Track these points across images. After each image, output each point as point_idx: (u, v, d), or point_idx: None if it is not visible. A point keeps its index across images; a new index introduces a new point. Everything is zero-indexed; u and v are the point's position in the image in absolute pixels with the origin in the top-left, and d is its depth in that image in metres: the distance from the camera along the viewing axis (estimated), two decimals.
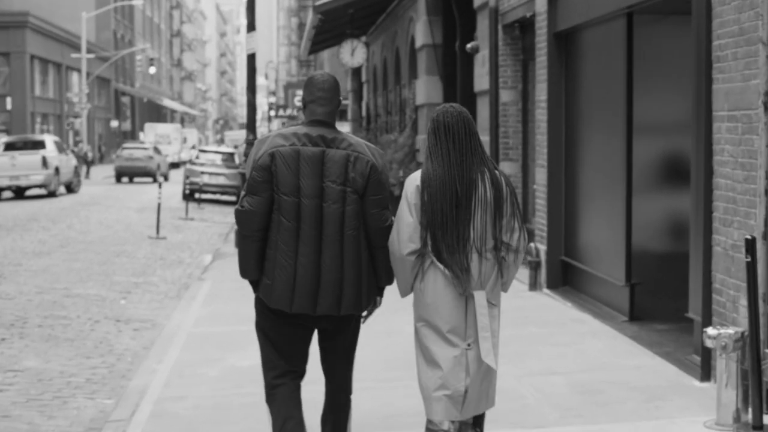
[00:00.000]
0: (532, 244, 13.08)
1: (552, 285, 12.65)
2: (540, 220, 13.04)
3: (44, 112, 68.38)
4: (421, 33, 22.01)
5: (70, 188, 40.31)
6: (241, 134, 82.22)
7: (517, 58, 14.99)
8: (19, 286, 15.05)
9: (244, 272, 5.66)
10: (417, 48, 22.82)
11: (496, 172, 5.46)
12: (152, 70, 78.83)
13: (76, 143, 61.77)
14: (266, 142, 5.58)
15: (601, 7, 10.88)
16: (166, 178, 50.56)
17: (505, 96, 15.03)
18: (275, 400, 5.73)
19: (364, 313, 5.81)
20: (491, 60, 15.03)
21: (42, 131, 65.04)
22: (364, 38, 33.17)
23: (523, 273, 13.88)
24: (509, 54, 14.99)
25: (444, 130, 5.42)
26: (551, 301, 12.18)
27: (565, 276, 12.64)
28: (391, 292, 5.91)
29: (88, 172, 56.97)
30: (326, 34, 31.05)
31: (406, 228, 5.39)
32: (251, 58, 19.20)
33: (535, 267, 12.88)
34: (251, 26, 19.31)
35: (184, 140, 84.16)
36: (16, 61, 63.13)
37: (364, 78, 38.21)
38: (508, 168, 15.06)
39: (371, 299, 5.68)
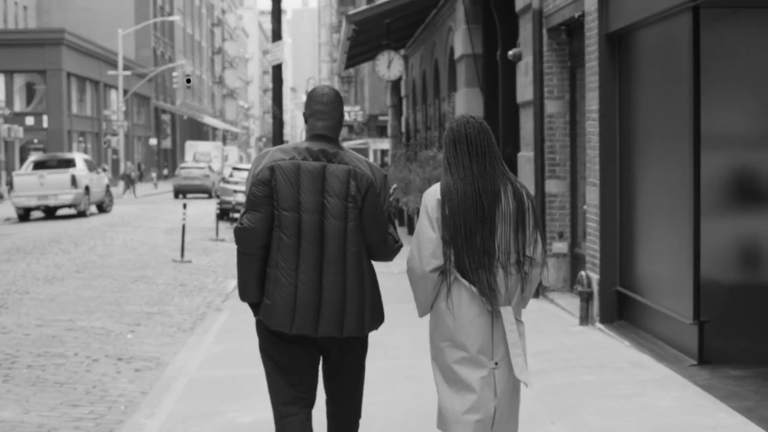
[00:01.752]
0: (582, 273, 11.64)
1: (606, 319, 11.20)
2: (592, 246, 11.59)
3: (82, 130, 67.73)
4: (460, 43, 20.66)
5: (102, 208, 39.34)
6: None
7: (564, 64, 13.58)
8: (19, 318, 13.78)
9: (244, 294, 5.47)
10: (456, 59, 21.48)
11: (517, 184, 5.29)
12: (188, 86, 77.69)
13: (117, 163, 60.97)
14: (266, 157, 5.42)
15: (662, 1, 9.46)
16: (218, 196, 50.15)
17: (551, 107, 13.61)
18: (286, 431, 5.51)
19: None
20: (535, 68, 13.63)
21: (79, 149, 64.37)
22: (402, 51, 31.90)
23: (573, 304, 12.45)
24: (555, 60, 13.58)
25: (465, 141, 5.23)
26: (605, 339, 10.73)
27: (620, 309, 11.19)
28: (419, 326, 5.23)
29: (134, 190, 56.66)
30: (362, 46, 29.78)
31: (428, 244, 5.20)
32: (277, 69, 17.90)
33: (586, 298, 11.44)
34: (277, 35, 18.04)
35: (226, 158, 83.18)
36: (52, 78, 62.51)
37: (403, 92, 36.89)
38: (555, 187, 13.63)
39: (377, 320, 5.47)
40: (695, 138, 9.06)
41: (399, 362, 9.75)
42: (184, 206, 22.33)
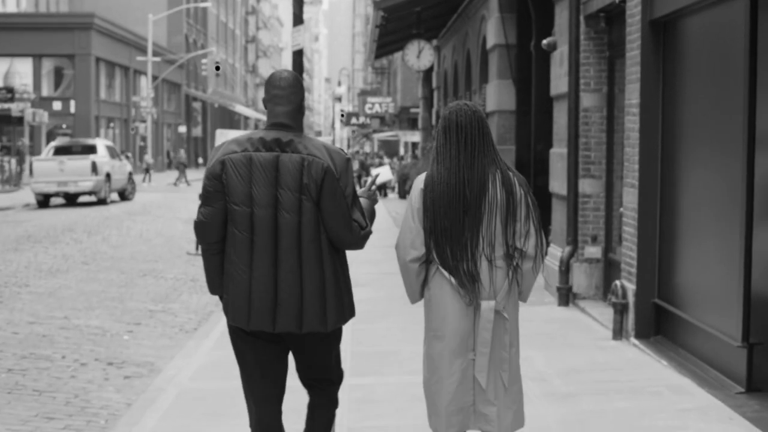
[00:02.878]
0: (617, 282, 10.64)
1: (641, 334, 10.19)
2: (628, 253, 10.58)
3: (110, 116, 67.02)
4: (493, 32, 19.67)
5: (124, 195, 38.58)
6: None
7: (602, 55, 12.55)
8: (11, 314, 12.92)
9: (212, 288, 5.40)
10: (488, 49, 20.49)
11: (509, 172, 5.19)
12: (217, 73, 76.89)
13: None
14: (221, 149, 5.26)
15: None
16: None
17: (587, 100, 12.58)
18: (257, 425, 5.50)
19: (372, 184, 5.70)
20: (571, 58, 12.61)
21: (107, 135, 63.79)
22: (434, 42, 30.93)
23: (606, 315, 11.45)
24: (592, 50, 12.56)
25: (456, 130, 5.19)
26: (641, 356, 9.72)
27: (658, 323, 10.18)
28: None
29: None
30: (393, 35, 28.86)
31: (408, 233, 5.23)
32: (297, 55, 16.95)
33: (620, 310, 10.43)
34: (298, 19, 17.07)
35: None
36: (81, 63, 61.85)
37: (434, 84, 35.92)
38: (589, 186, 12.61)
39: (344, 315, 5.31)
40: (749, 136, 8.03)
41: (413, 378, 8.79)
42: (200, 196, 21.37)
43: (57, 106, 61.78)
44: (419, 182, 5.24)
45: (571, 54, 12.59)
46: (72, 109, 62.00)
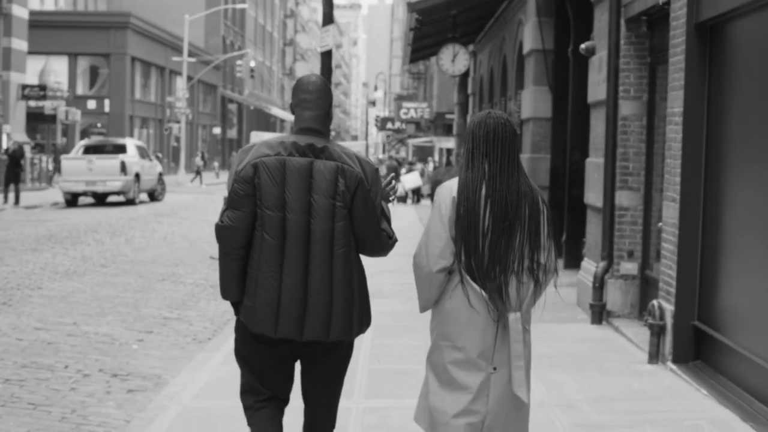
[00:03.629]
0: (654, 302, 9.97)
1: (680, 358, 9.52)
2: (666, 271, 9.90)
3: (144, 116, 66.79)
4: (530, 37, 19.03)
5: (153, 196, 38.20)
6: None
7: (643, 60, 11.89)
8: (18, 318, 12.40)
9: (225, 293, 5.27)
10: (525, 54, 19.85)
11: (534, 188, 5.11)
12: (251, 74, 76.54)
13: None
14: (251, 152, 5.18)
15: None
16: None
17: (626, 108, 11.92)
18: (256, 421, 5.38)
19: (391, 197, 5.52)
20: (610, 63, 11.96)
21: (141, 135, 63.61)
22: (471, 47, 30.29)
23: (642, 335, 10.80)
24: (633, 55, 11.90)
25: (486, 138, 5.03)
26: (679, 384, 9.04)
27: (697, 347, 9.50)
28: None
29: (200, 179, 56.17)
30: (429, 39, 28.24)
31: (437, 242, 5.02)
32: (326, 56, 16.36)
33: (657, 332, 9.76)
34: (328, 19, 16.48)
35: None
36: (116, 62, 61.65)
37: (470, 90, 35.28)
38: (627, 199, 11.95)
39: (365, 323, 5.30)
40: None
41: None
42: (225, 198, 20.84)
43: (91, 104, 61.59)
44: (449, 190, 5.06)
45: (611, 59, 11.94)
46: (106, 108, 61.78)
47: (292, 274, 5.06)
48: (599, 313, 11.98)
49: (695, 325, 9.48)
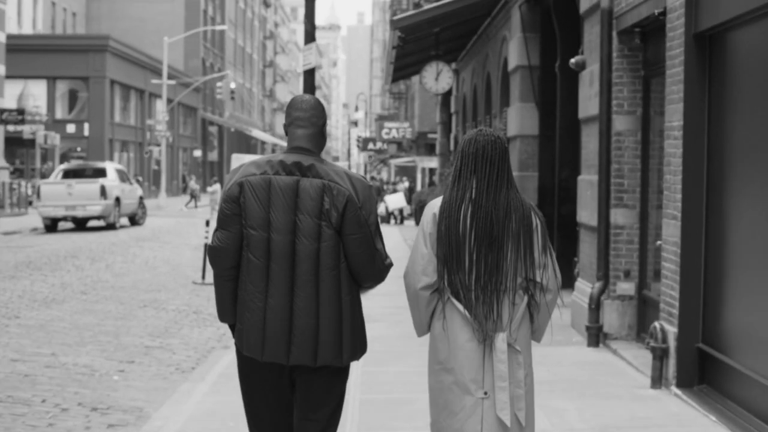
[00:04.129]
0: (656, 324, 9.61)
1: (684, 383, 9.14)
2: (668, 291, 9.54)
3: (124, 140, 66.27)
4: (515, 53, 18.73)
5: (134, 220, 37.72)
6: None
7: (636, 74, 11.56)
8: None
9: (222, 315, 5.21)
10: (510, 71, 19.55)
11: (527, 203, 5.01)
12: (232, 96, 76.14)
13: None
14: (239, 171, 5.12)
15: None
16: None
17: (620, 123, 11.59)
18: None
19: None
20: (602, 77, 11.63)
21: (121, 159, 63.13)
22: (453, 65, 29.98)
23: (642, 358, 10.45)
24: (626, 69, 11.57)
25: (482, 157, 4.97)
26: (685, 410, 8.66)
27: (702, 370, 9.13)
28: None
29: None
30: (411, 57, 27.92)
31: (420, 260, 4.98)
32: (308, 74, 15.99)
33: (660, 355, 9.39)
34: (310, 37, 16.13)
35: None
36: (95, 85, 61.14)
37: (453, 109, 34.99)
38: (622, 217, 11.60)
39: (358, 349, 5.12)
40: None
41: None
42: (207, 222, 20.43)
43: (71, 128, 61.02)
44: (433, 207, 5.01)
45: (603, 73, 11.61)
46: (86, 132, 61.22)
47: (277, 296, 4.96)
48: (596, 336, 11.61)
49: (699, 348, 9.11)
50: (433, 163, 53.25)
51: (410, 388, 9.43)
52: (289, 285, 4.97)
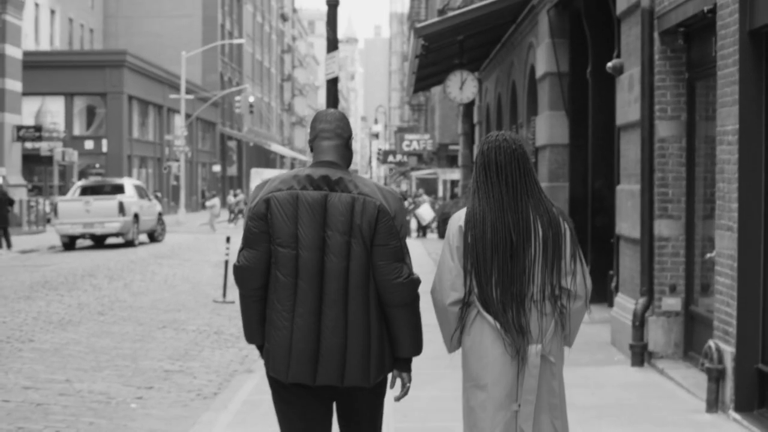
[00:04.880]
0: (711, 343, 8.95)
1: (743, 406, 8.48)
2: (723, 308, 8.88)
3: (143, 155, 65.89)
4: (543, 59, 18.11)
5: (153, 237, 37.21)
6: None
7: (680, 77, 10.92)
8: (6, 376, 11.37)
9: (250, 337, 5.01)
10: (538, 78, 18.92)
11: (554, 209, 4.85)
12: (251, 110, 75.64)
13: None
14: (264, 187, 4.95)
15: None
16: None
17: (664, 129, 10.94)
18: None
19: (397, 393, 5.04)
20: (643, 81, 11.00)
21: (140, 175, 62.75)
22: (476, 74, 29.35)
23: (692, 378, 9.80)
24: (669, 71, 10.93)
25: (495, 168, 4.85)
26: None
27: (763, 393, 8.48)
28: None
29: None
30: (433, 67, 27.34)
31: (447, 274, 4.85)
32: (332, 84, 15.40)
33: (716, 377, 8.72)
34: (332, 45, 15.54)
35: None
36: (113, 101, 60.74)
37: (476, 119, 34.38)
38: (667, 228, 10.95)
39: (385, 367, 4.90)
40: None
41: None
42: (228, 239, 19.84)
43: (89, 145, 60.63)
44: (458, 219, 4.91)
45: (644, 76, 10.98)
46: (104, 148, 60.82)
47: (305, 315, 4.81)
48: (640, 354, 10.96)
49: (759, 369, 8.46)
50: (455, 175, 52.68)
51: (448, 415, 8.79)
52: (317, 303, 4.81)
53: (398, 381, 5.16)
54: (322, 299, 4.81)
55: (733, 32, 8.56)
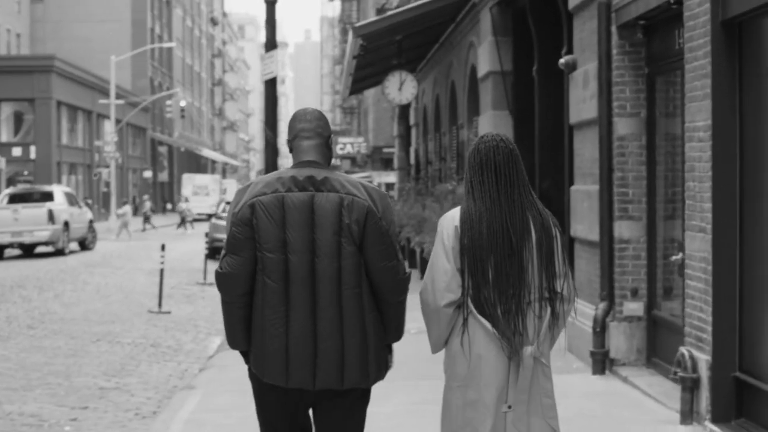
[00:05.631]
0: (683, 350, 8.47)
1: (720, 417, 8.01)
2: (695, 313, 8.41)
3: (72, 162, 64.57)
4: (486, 58, 17.65)
5: (84, 245, 36.27)
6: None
7: (639, 72, 10.47)
8: None
9: (233, 343, 4.93)
10: (480, 78, 18.47)
11: (545, 212, 4.85)
12: (182, 114, 74.62)
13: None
14: (247, 191, 4.84)
15: None
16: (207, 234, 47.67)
17: (623, 127, 10.48)
18: None
19: None
20: (601, 77, 10.54)
21: (69, 182, 61.54)
22: (415, 75, 28.84)
23: (658, 388, 9.37)
24: (627, 67, 10.48)
25: (494, 167, 4.80)
26: None
27: (740, 402, 8.01)
28: None
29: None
30: (370, 68, 26.75)
31: (442, 276, 4.73)
32: (270, 84, 14.79)
33: (690, 387, 8.25)
34: (271, 44, 14.93)
35: (224, 191, 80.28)
36: (41, 107, 59.42)
37: (412, 121, 33.91)
38: (628, 230, 10.49)
39: (383, 368, 4.91)
40: None
41: None
42: (162, 247, 19.15)
43: (17, 152, 59.26)
44: (452, 219, 4.81)
45: (601, 72, 10.52)
46: (32, 155, 59.48)
47: (299, 320, 4.72)
48: (601, 362, 10.50)
49: (737, 377, 7.99)
50: (390, 177, 52.12)
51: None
52: (310, 307, 4.73)
53: None
54: (316, 302, 4.73)
55: (704, 23, 8.09)
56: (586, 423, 8.43)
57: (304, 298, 4.72)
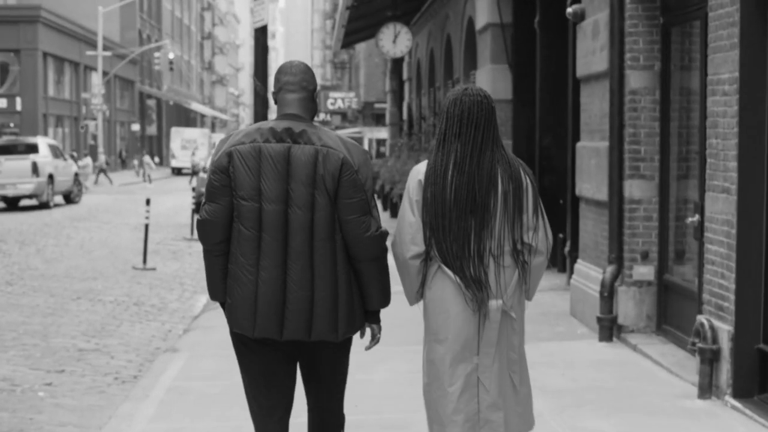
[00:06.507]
0: (702, 319, 7.89)
1: (742, 392, 7.45)
2: (715, 279, 7.83)
3: (58, 114, 63.62)
4: (485, 10, 16.97)
5: (70, 198, 35.54)
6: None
7: (654, 22, 9.84)
8: None
9: (213, 293, 4.96)
10: (478, 30, 17.80)
11: (516, 163, 4.83)
12: (170, 68, 73.67)
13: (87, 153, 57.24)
14: (228, 141, 4.87)
15: None
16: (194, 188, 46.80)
17: (635, 80, 9.84)
18: None
19: (368, 344, 5.04)
20: (612, 27, 9.89)
21: (56, 134, 60.72)
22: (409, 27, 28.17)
23: (671, 358, 8.82)
24: (641, 16, 9.84)
25: (461, 117, 4.82)
26: (753, 428, 6.98)
27: (764, 376, 7.46)
28: None
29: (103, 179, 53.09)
30: (363, 20, 26.09)
31: (408, 228, 4.86)
32: (261, 32, 14.13)
33: (709, 359, 7.68)
34: None
35: (213, 145, 79.52)
36: (27, 58, 58.33)
37: (405, 76, 33.23)
38: (639, 190, 9.89)
39: (355, 323, 4.85)
40: None
41: None
42: (148, 201, 18.53)
43: (2, 103, 58.27)
44: (418, 173, 4.88)
45: (613, 22, 9.87)
46: (18, 107, 58.49)
47: (269, 268, 4.72)
48: (609, 328, 9.93)
49: (761, 349, 7.43)
50: (382, 133, 51.52)
51: (404, 403, 7.69)
52: (282, 257, 4.72)
53: (368, 331, 5.05)
54: (287, 252, 4.72)
55: None
56: (598, 396, 7.87)
57: (276, 247, 4.72)
